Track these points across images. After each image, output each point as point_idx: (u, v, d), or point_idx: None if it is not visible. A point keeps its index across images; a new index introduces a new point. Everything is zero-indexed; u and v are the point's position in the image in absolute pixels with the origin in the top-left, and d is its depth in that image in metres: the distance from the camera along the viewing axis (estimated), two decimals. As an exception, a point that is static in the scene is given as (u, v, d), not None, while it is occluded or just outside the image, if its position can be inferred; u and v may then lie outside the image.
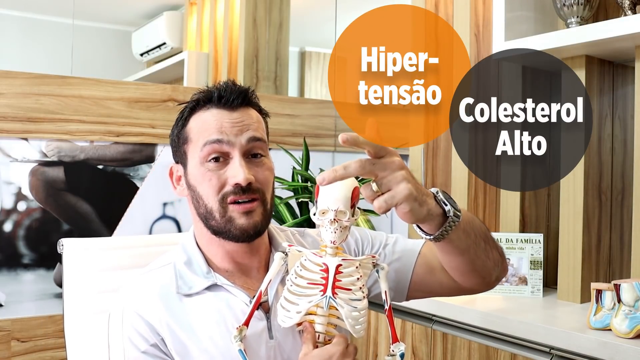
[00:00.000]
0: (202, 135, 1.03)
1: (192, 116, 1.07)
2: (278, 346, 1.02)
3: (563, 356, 1.44)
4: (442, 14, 2.16)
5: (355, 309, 0.93)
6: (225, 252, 1.06)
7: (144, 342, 1.00)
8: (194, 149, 1.04)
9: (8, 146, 2.14)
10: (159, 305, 1.02)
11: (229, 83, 1.08)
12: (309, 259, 0.95)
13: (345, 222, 0.92)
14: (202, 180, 1.03)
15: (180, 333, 1.00)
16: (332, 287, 0.93)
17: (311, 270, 0.95)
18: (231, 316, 1.02)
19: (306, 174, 2.34)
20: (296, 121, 2.71)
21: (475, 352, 1.65)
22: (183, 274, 1.05)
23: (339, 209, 0.91)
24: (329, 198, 0.92)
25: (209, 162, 1.02)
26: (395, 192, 0.84)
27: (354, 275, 0.94)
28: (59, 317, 2.14)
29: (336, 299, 0.93)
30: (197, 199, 1.04)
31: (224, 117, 1.04)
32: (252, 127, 1.05)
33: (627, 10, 1.61)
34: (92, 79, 2.28)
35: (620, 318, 1.39)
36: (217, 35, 3.68)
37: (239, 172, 1.00)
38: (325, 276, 0.93)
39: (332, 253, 0.94)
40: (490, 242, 1.02)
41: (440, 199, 0.89)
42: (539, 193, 1.95)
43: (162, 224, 2.39)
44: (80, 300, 1.25)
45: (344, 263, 0.94)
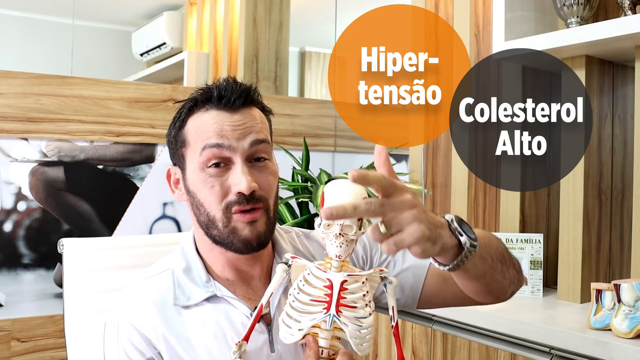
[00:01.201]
0: (200, 139, 0.97)
1: (190, 117, 1.00)
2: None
3: (563, 356, 1.44)
4: (442, 14, 2.16)
5: (360, 326, 0.88)
6: (226, 260, 1.01)
7: (140, 356, 0.96)
8: (192, 152, 0.98)
9: (8, 146, 2.14)
10: (155, 318, 0.97)
11: (229, 81, 1.00)
12: (312, 273, 0.90)
13: (351, 236, 0.86)
14: (203, 186, 0.97)
15: (177, 346, 0.96)
16: (336, 305, 0.87)
17: (315, 285, 0.89)
18: (231, 329, 0.97)
19: (306, 174, 2.34)
20: (296, 121, 2.71)
21: (475, 352, 1.65)
22: (182, 283, 1.00)
23: (345, 222, 0.85)
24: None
25: (209, 168, 0.96)
26: (406, 234, 0.77)
27: (359, 292, 0.89)
28: (59, 317, 2.14)
29: (340, 317, 0.87)
30: (198, 206, 0.98)
31: (224, 119, 0.97)
32: (255, 129, 0.98)
33: (627, 10, 1.61)
34: (92, 79, 2.28)
35: (620, 318, 1.39)
36: (217, 35, 3.68)
37: (242, 180, 0.94)
38: (330, 293, 0.88)
39: (338, 267, 0.88)
40: (507, 262, 0.98)
41: (454, 229, 0.83)
42: (539, 193, 1.95)
43: (162, 224, 2.39)
44: (80, 300, 1.25)
45: (349, 279, 0.88)
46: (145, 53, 4.47)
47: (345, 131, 2.80)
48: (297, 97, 3.79)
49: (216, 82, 1.01)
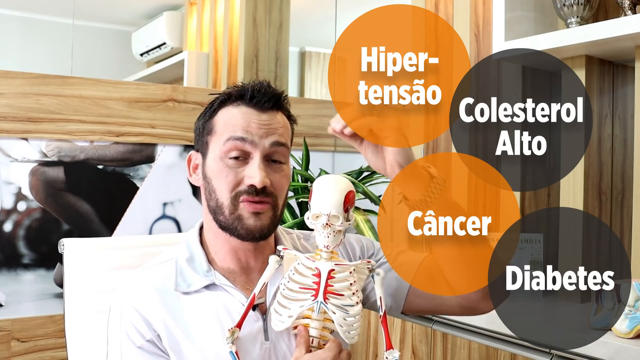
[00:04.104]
0: (227, 130, 1.03)
1: (221, 109, 1.07)
2: (273, 348, 1.02)
3: (563, 356, 1.44)
4: (442, 14, 2.16)
5: (347, 314, 0.92)
6: (230, 247, 1.07)
7: (140, 338, 1.01)
8: (216, 141, 1.04)
9: (8, 146, 2.14)
10: (156, 301, 1.02)
11: (264, 84, 1.07)
12: (302, 263, 0.95)
13: (338, 226, 0.92)
14: (219, 174, 1.03)
15: (176, 330, 1.01)
16: (323, 292, 0.92)
17: (304, 274, 0.94)
18: (227, 317, 1.02)
19: (306, 174, 2.34)
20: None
21: (475, 352, 1.65)
22: (184, 271, 1.06)
23: (332, 213, 0.91)
24: (321, 202, 0.92)
25: (229, 159, 1.03)
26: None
27: (347, 281, 0.93)
28: (59, 317, 2.14)
29: (327, 304, 0.92)
30: (210, 191, 1.04)
31: (252, 116, 1.04)
32: (278, 132, 1.05)
33: (627, 10, 1.61)
34: (92, 79, 2.28)
35: (621, 318, 1.39)
36: (217, 35, 3.68)
37: (257, 173, 1.01)
38: (317, 281, 0.93)
39: (327, 257, 0.94)
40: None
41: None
42: (539, 193, 1.95)
43: (162, 224, 2.39)
44: (80, 300, 1.26)
45: (336, 268, 0.93)
46: (145, 53, 4.47)
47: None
48: (297, 97, 3.79)
49: (252, 82, 1.08)
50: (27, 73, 2.17)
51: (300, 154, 2.40)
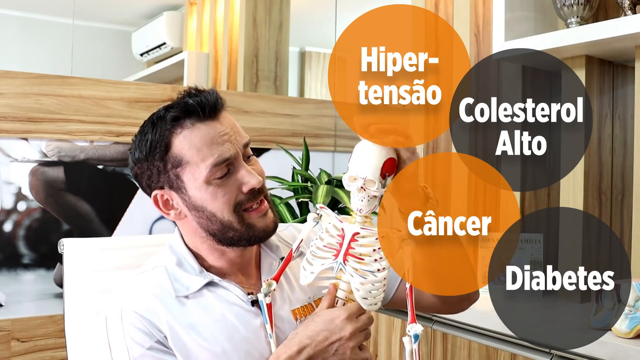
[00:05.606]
0: (202, 156, 0.99)
1: (174, 137, 1.00)
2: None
3: (563, 356, 1.44)
4: (442, 14, 2.16)
5: (365, 279, 0.91)
6: (220, 252, 1.07)
7: (149, 339, 1.00)
8: (194, 170, 1.00)
9: (8, 146, 2.14)
10: (158, 306, 1.02)
11: (200, 90, 1.02)
12: (332, 223, 0.95)
13: (373, 191, 0.89)
14: (213, 198, 1.00)
15: (181, 332, 1.00)
16: (344, 254, 0.91)
17: (331, 234, 0.94)
18: (230, 311, 1.03)
19: (306, 174, 2.34)
20: (296, 121, 2.71)
21: (475, 352, 1.65)
22: (177, 276, 1.05)
23: (368, 177, 0.89)
24: (359, 165, 0.90)
25: (215, 179, 1.00)
26: None
27: (371, 246, 0.92)
28: (59, 317, 2.14)
29: (346, 266, 0.91)
30: (209, 217, 1.02)
31: (215, 130, 1.00)
32: (239, 131, 1.04)
33: (627, 10, 1.61)
34: (92, 79, 2.28)
35: (621, 318, 1.39)
36: (217, 35, 3.68)
37: (252, 177, 1.01)
38: (341, 242, 0.92)
39: (360, 221, 0.92)
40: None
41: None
42: (539, 193, 1.95)
43: (162, 224, 2.39)
44: (80, 300, 1.25)
45: (362, 232, 0.92)
46: (145, 53, 4.47)
47: (345, 131, 2.80)
48: (297, 97, 3.79)
49: (180, 95, 1.02)
50: (27, 73, 2.17)
51: (300, 154, 2.39)
